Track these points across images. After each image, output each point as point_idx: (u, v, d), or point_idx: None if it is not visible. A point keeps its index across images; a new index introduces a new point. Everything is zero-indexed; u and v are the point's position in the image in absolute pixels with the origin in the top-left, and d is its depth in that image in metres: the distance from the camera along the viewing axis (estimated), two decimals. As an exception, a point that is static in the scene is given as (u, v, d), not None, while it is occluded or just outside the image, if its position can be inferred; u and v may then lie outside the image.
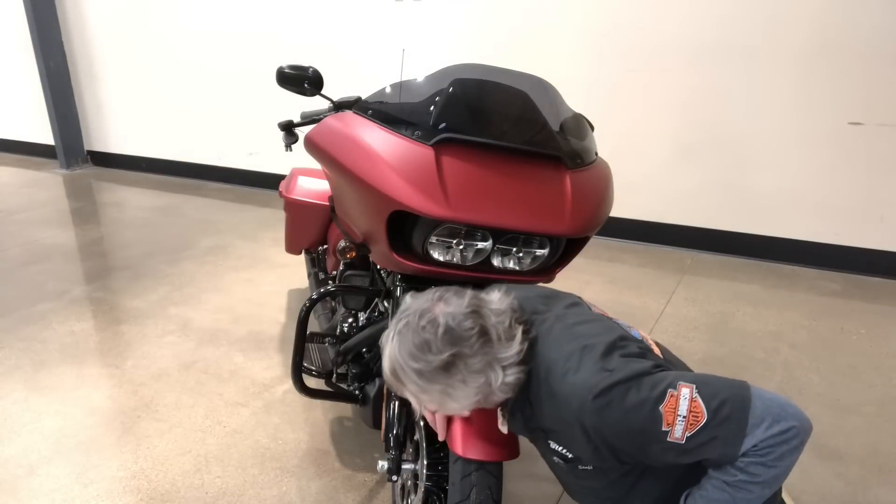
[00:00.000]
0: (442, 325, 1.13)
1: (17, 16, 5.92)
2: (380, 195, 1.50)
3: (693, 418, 1.03)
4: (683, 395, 1.04)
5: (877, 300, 3.42)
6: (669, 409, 1.04)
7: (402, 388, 1.19)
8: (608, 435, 1.07)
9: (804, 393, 2.57)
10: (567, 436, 1.16)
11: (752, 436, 1.02)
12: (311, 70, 1.85)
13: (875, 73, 3.42)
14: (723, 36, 3.67)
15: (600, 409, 1.06)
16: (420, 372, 1.14)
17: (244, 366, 2.76)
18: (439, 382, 1.14)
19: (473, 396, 1.17)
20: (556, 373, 1.13)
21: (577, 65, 4.04)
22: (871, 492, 2.04)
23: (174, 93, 5.69)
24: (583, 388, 1.08)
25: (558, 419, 1.14)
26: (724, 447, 1.03)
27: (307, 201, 2.78)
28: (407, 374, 1.15)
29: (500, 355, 1.15)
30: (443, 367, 1.12)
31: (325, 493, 2.03)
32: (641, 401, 1.05)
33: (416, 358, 1.13)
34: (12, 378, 2.66)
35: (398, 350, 1.16)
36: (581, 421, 1.08)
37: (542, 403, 1.17)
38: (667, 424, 1.03)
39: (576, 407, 1.08)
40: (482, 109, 1.64)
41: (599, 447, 1.10)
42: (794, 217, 3.80)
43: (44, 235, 4.36)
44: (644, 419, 1.04)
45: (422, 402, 1.20)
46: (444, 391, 1.15)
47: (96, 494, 2.02)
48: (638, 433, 1.06)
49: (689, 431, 1.03)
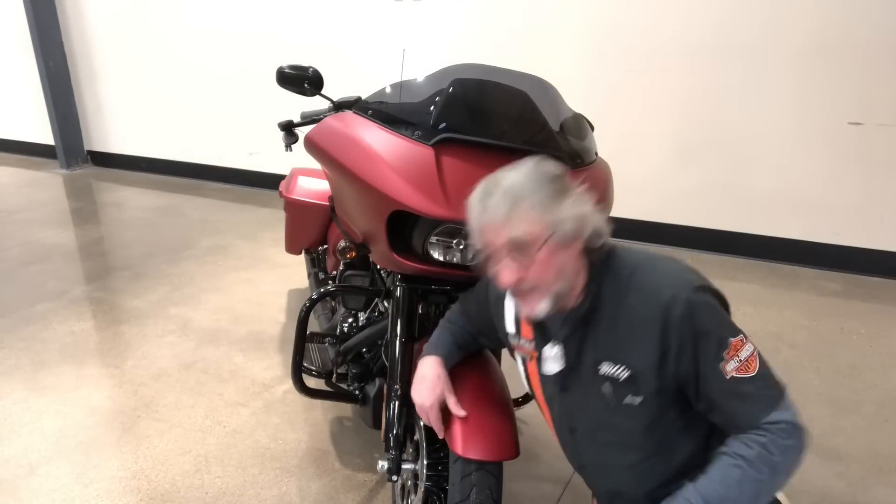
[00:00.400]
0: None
1: (17, 16, 5.92)
2: (380, 195, 1.50)
3: (745, 367, 1.12)
4: (748, 347, 1.14)
5: (877, 300, 3.42)
6: (735, 346, 1.12)
7: (483, 210, 1.16)
8: (684, 333, 1.12)
9: (804, 393, 2.57)
10: (635, 346, 1.16)
11: (779, 412, 1.10)
12: (311, 70, 1.85)
13: (875, 73, 3.42)
14: (722, 36, 3.68)
15: (694, 302, 1.13)
16: (532, 179, 1.14)
17: (244, 366, 2.76)
18: (544, 192, 1.13)
19: (571, 214, 1.15)
20: (646, 267, 1.19)
21: (577, 65, 4.04)
22: (871, 492, 2.04)
23: (174, 93, 5.69)
24: (681, 279, 1.16)
25: (636, 320, 1.16)
26: (755, 407, 1.11)
27: (307, 201, 2.78)
28: (510, 183, 1.14)
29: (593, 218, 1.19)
30: (554, 179, 1.16)
31: (325, 493, 2.03)
32: (724, 320, 1.14)
33: (532, 172, 1.16)
34: (12, 378, 2.66)
35: (510, 172, 1.17)
36: (669, 311, 1.12)
37: (620, 306, 1.18)
38: (727, 354, 1.11)
39: (668, 296, 1.13)
40: (482, 109, 1.64)
41: (666, 353, 1.13)
42: (794, 217, 3.80)
43: (44, 235, 4.36)
44: (718, 335, 1.12)
45: (492, 224, 1.15)
46: (542, 203, 1.13)
47: (96, 494, 2.02)
48: (705, 343, 1.12)
49: (737, 374, 1.11)
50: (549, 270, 1.15)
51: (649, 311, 1.14)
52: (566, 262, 1.17)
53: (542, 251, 1.14)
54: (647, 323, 1.14)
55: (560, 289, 1.17)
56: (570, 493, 2.04)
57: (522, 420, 2.38)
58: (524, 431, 2.33)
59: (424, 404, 1.42)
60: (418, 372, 1.48)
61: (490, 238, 1.16)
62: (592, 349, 1.22)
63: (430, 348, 1.52)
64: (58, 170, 6.21)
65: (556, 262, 1.15)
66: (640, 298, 1.16)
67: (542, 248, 1.13)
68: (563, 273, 1.17)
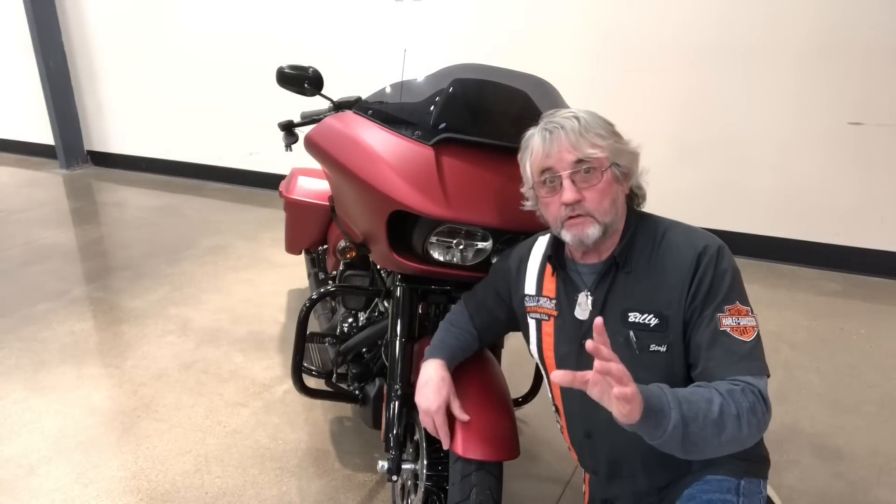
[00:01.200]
0: None
1: (17, 16, 5.92)
2: (380, 195, 1.50)
3: (741, 330, 1.18)
4: (751, 319, 1.20)
5: (877, 300, 3.42)
6: (739, 310, 1.20)
7: (549, 134, 1.26)
8: (707, 272, 1.20)
9: (804, 393, 2.57)
10: (667, 292, 1.23)
11: (756, 379, 1.14)
12: (311, 70, 1.85)
13: (875, 73, 3.42)
14: (722, 36, 3.67)
15: (724, 253, 1.23)
16: (597, 115, 1.28)
17: (244, 366, 2.76)
18: (608, 127, 1.27)
19: (628, 150, 1.28)
20: (681, 227, 1.29)
21: (577, 65, 4.04)
22: (872, 492, 2.04)
23: (174, 93, 5.69)
24: (712, 235, 1.27)
25: (669, 269, 1.23)
26: (736, 365, 1.15)
27: (307, 201, 2.78)
28: (579, 114, 1.26)
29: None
30: (612, 124, 1.29)
31: (325, 493, 2.03)
32: (741, 286, 1.23)
33: (595, 113, 1.29)
34: (12, 378, 2.66)
35: (571, 110, 1.29)
36: (702, 254, 1.21)
37: (652, 258, 1.26)
38: (729, 310, 1.19)
39: (702, 244, 1.23)
40: (482, 109, 1.64)
41: (689, 291, 1.20)
42: (794, 217, 3.80)
43: (44, 235, 4.36)
44: (730, 289, 1.20)
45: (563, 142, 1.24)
46: (606, 135, 1.25)
47: (96, 494, 2.02)
48: (717, 286, 1.20)
49: (731, 331, 1.17)
50: (605, 198, 1.25)
51: (684, 259, 1.22)
52: (618, 197, 1.28)
53: (603, 178, 1.24)
54: (681, 269, 1.22)
55: (610, 220, 1.26)
56: (570, 493, 2.04)
57: (522, 420, 2.38)
58: (524, 431, 2.33)
59: (430, 408, 1.41)
60: (422, 376, 1.47)
61: (556, 160, 1.25)
62: (621, 299, 1.27)
63: (433, 351, 1.51)
64: (58, 170, 6.21)
65: (611, 192, 1.26)
66: (675, 250, 1.25)
67: (604, 174, 1.24)
68: (614, 206, 1.26)
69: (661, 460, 1.24)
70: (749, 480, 1.24)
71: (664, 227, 1.30)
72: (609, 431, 1.31)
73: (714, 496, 1.22)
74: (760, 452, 1.30)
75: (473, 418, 1.42)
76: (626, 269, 1.27)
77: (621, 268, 1.27)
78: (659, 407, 1.02)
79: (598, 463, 1.38)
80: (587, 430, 1.37)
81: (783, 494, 1.98)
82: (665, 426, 1.02)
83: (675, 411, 1.03)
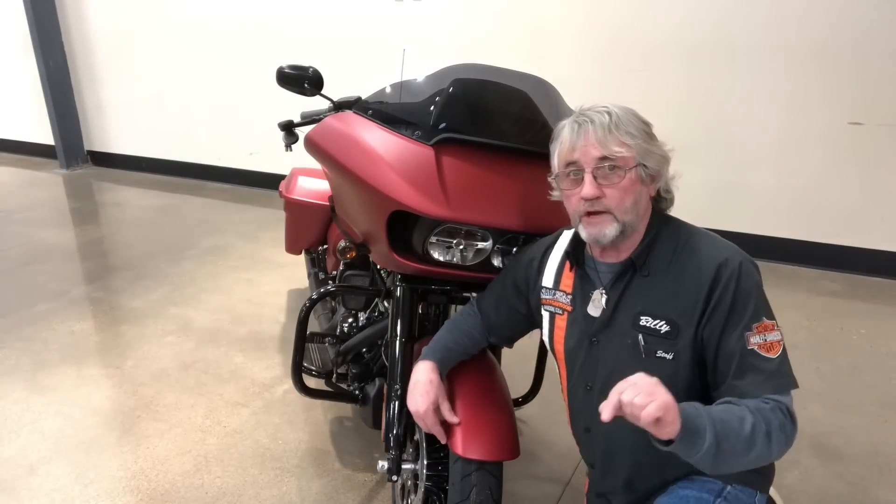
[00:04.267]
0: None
1: (17, 16, 5.92)
2: (380, 195, 1.50)
3: (768, 347, 1.17)
4: (777, 334, 1.18)
5: (877, 300, 3.42)
6: (766, 326, 1.18)
7: (578, 127, 1.24)
8: (728, 291, 1.17)
9: (804, 393, 2.57)
10: (682, 301, 1.21)
11: (783, 397, 1.14)
12: (311, 70, 1.85)
13: (875, 73, 3.42)
14: (722, 36, 3.67)
15: (747, 268, 1.19)
16: (630, 113, 1.25)
17: (244, 366, 2.76)
18: (639, 126, 1.24)
19: (658, 153, 1.25)
20: (705, 235, 1.26)
21: (576, 65, 4.04)
22: (872, 492, 2.04)
23: (175, 93, 5.69)
24: (738, 249, 1.23)
25: (687, 277, 1.21)
26: (764, 384, 1.14)
27: (307, 201, 2.78)
28: (611, 110, 1.23)
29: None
30: (646, 123, 1.27)
31: (325, 493, 2.03)
32: (765, 300, 1.20)
33: (629, 110, 1.26)
34: (12, 378, 2.66)
35: (607, 105, 1.26)
36: (722, 268, 1.18)
37: (672, 264, 1.24)
38: (756, 327, 1.17)
39: (724, 257, 1.20)
40: (482, 109, 1.64)
41: (706, 308, 1.18)
42: (794, 217, 3.80)
43: (44, 235, 4.36)
44: (756, 307, 1.18)
45: (591, 136, 1.22)
46: (637, 134, 1.22)
47: (96, 494, 2.02)
48: (741, 307, 1.17)
49: (759, 349, 1.16)
50: (627, 197, 1.23)
51: (703, 270, 1.20)
52: (641, 198, 1.25)
53: (627, 177, 1.22)
54: (699, 280, 1.20)
55: (630, 220, 1.24)
56: (570, 493, 2.04)
57: (522, 420, 2.38)
58: (524, 431, 2.33)
59: (419, 411, 1.42)
60: (412, 378, 1.48)
61: (581, 154, 1.23)
62: (635, 301, 1.26)
63: (426, 353, 1.51)
64: (58, 170, 6.21)
65: (634, 192, 1.23)
66: (695, 258, 1.22)
67: (628, 173, 1.22)
68: (636, 206, 1.24)
69: (654, 459, 1.24)
70: (739, 488, 1.24)
71: (688, 233, 1.28)
72: (606, 427, 1.31)
73: (691, 493, 1.23)
74: (763, 466, 1.31)
75: (473, 418, 1.42)
76: (644, 271, 1.26)
77: (639, 270, 1.27)
78: (695, 427, 1.03)
79: (594, 457, 1.39)
80: (586, 425, 1.38)
81: (783, 494, 1.98)
82: (700, 446, 1.03)
83: (710, 432, 1.04)
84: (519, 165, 1.53)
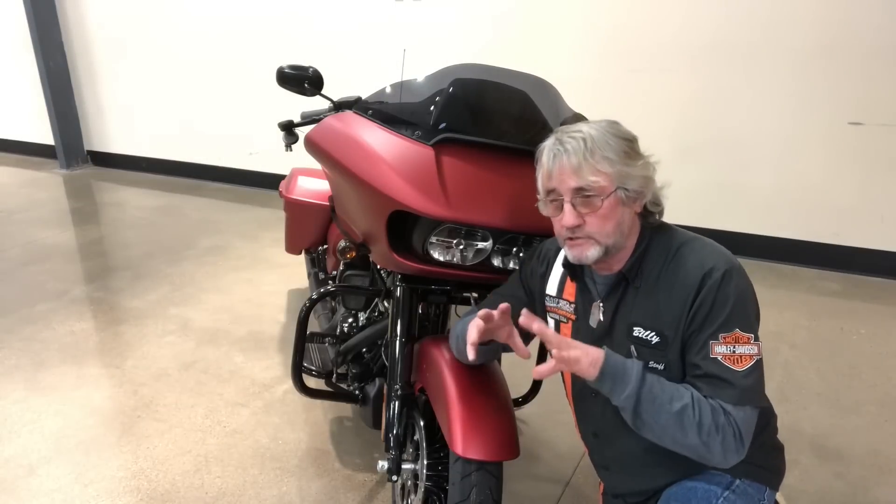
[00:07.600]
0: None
1: (17, 16, 5.92)
2: (380, 195, 1.50)
3: (735, 359, 1.15)
4: (751, 348, 1.16)
5: (877, 300, 3.42)
6: (737, 337, 1.16)
7: (555, 155, 1.22)
8: (708, 296, 1.17)
9: (804, 393, 2.57)
10: (670, 312, 1.21)
11: (737, 409, 1.14)
12: (311, 70, 1.85)
13: (875, 73, 3.42)
14: (723, 36, 3.67)
15: (730, 277, 1.18)
16: (608, 134, 1.21)
17: (244, 366, 2.76)
18: (618, 148, 1.20)
19: (638, 174, 1.22)
20: (696, 243, 1.25)
21: (577, 65, 4.04)
22: (871, 492, 2.04)
23: (174, 93, 5.69)
24: (727, 257, 1.22)
25: (676, 288, 1.21)
26: (720, 393, 1.15)
27: (307, 201, 2.78)
28: (587, 134, 1.20)
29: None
30: (627, 140, 1.23)
31: (325, 493, 2.03)
32: (746, 312, 1.18)
33: (609, 129, 1.23)
34: (12, 378, 2.66)
35: (586, 125, 1.24)
36: (707, 277, 1.17)
37: (662, 274, 1.24)
38: (724, 338, 1.16)
39: (710, 266, 1.19)
40: (482, 109, 1.64)
41: (689, 313, 1.18)
42: (794, 217, 3.79)
43: (44, 235, 4.36)
44: (730, 316, 1.16)
45: (571, 164, 1.20)
46: (613, 158, 1.19)
47: (96, 494, 2.02)
48: (716, 313, 1.16)
49: (722, 360, 1.15)
50: (607, 222, 1.22)
51: (689, 280, 1.20)
52: (624, 219, 1.24)
53: (605, 203, 1.20)
54: (685, 289, 1.20)
55: (613, 242, 1.24)
56: (570, 493, 2.04)
57: (522, 420, 2.38)
58: (524, 431, 2.33)
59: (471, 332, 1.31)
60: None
61: (558, 182, 1.23)
62: (629, 312, 1.27)
63: (463, 323, 1.46)
64: (58, 170, 6.20)
65: (615, 216, 1.22)
66: (684, 269, 1.22)
67: (606, 200, 1.20)
68: (619, 228, 1.23)
69: (665, 459, 1.25)
70: (748, 483, 1.25)
71: (679, 242, 1.27)
72: (615, 432, 1.33)
73: (700, 485, 1.24)
74: (773, 462, 1.32)
75: (473, 418, 1.42)
76: (636, 283, 1.27)
77: (631, 282, 1.27)
78: (618, 374, 1.14)
79: (606, 460, 1.40)
80: (594, 431, 1.39)
81: (783, 494, 1.98)
82: (619, 393, 1.15)
83: (633, 386, 1.14)
84: (519, 165, 1.53)
